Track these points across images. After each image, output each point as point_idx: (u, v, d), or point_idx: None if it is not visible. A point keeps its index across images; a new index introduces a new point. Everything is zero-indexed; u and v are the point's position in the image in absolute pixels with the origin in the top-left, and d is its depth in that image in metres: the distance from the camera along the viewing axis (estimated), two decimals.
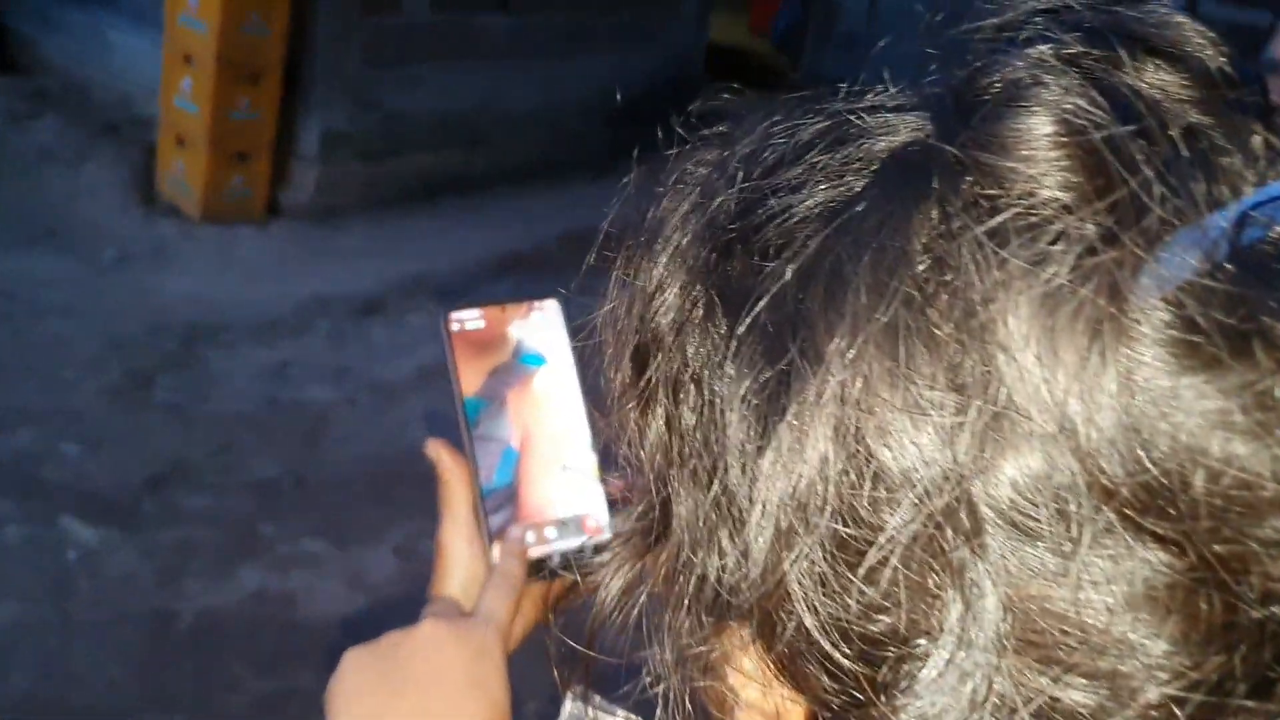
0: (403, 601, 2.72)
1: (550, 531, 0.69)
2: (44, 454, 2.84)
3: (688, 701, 0.40)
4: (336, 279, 4.04)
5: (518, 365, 0.70)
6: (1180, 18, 0.31)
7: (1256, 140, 0.29)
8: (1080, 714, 0.28)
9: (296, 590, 2.64)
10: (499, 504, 0.70)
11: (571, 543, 0.69)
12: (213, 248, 4.10)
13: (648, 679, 0.44)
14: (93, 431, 2.97)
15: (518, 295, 0.71)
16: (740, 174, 0.35)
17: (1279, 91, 0.69)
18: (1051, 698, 0.28)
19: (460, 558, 0.69)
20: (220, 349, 3.52)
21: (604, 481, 0.70)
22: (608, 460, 0.70)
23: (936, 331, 0.28)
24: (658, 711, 0.43)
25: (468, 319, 0.69)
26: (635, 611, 0.41)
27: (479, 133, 5.08)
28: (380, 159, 4.67)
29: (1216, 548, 0.26)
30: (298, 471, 3.00)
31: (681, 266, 0.35)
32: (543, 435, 0.70)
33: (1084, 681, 0.27)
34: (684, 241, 0.35)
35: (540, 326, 0.71)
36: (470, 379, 0.69)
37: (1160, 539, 0.26)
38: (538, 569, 0.68)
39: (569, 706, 0.43)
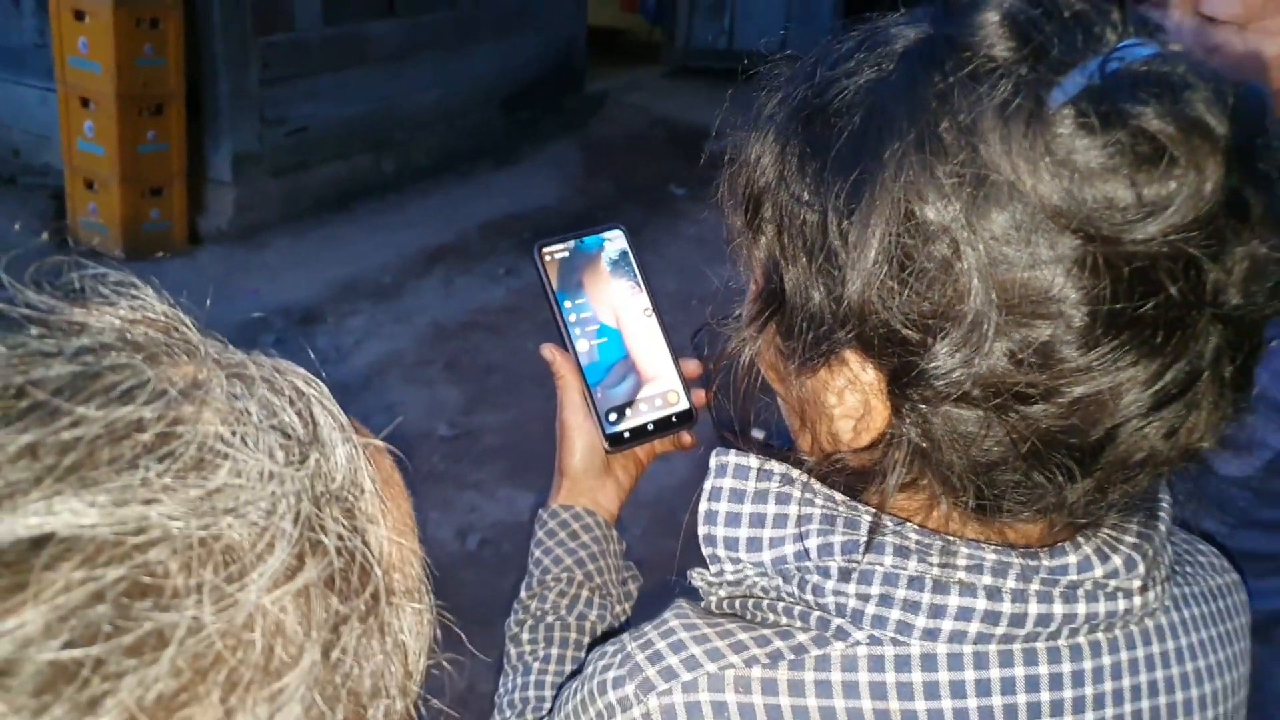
0: None
1: (643, 407, 0.86)
2: None
3: (800, 421, 0.59)
4: (271, 295, 4.11)
5: (598, 261, 0.87)
6: None
7: (1115, 16, 0.48)
8: (1045, 341, 0.46)
9: None
10: (623, 374, 0.85)
11: (661, 413, 0.86)
12: (139, 282, 4.11)
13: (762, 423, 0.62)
14: None
15: (591, 228, 0.87)
16: (812, 72, 0.54)
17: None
18: (1027, 335, 0.46)
19: (580, 431, 0.86)
20: None
21: (679, 364, 0.87)
22: (678, 348, 0.87)
23: (945, 136, 0.46)
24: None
25: (555, 249, 0.85)
26: (759, 377, 0.59)
27: (383, 135, 5.14)
28: (293, 173, 4.69)
29: (1104, 229, 0.44)
30: None
31: (779, 138, 0.54)
32: (631, 319, 0.87)
33: (1043, 321, 0.46)
34: (778, 121, 0.54)
35: (613, 246, 0.87)
36: (567, 288, 0.84)
37: (1074, 230, 0.44)
38: (637, 435, 0.85)
39: (715, 459, 0.58)
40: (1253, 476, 0.91)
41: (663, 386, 0.86)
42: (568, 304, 0.84)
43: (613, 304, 0.86)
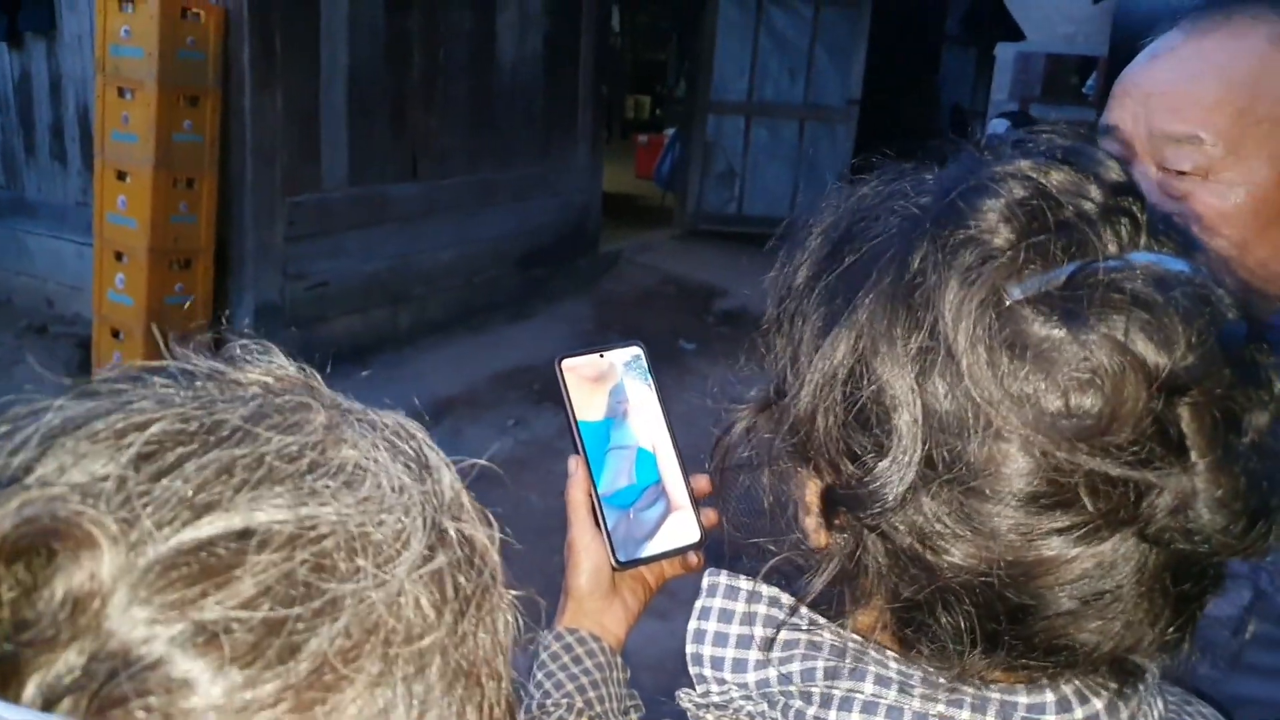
0: None
1: (653, 527, 0.86)
2: None
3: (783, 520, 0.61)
4: None
5: (624, 391, 0.88)
6: (1090, 148, 0.52)
7: (1125, 223, 0.48)
8: (965, 504, 0.48)
9: None
10: (654, 498, 0.86)
11: (676, 544, 0.87)
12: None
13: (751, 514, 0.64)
14: None
15: (609, 344, 0.89)
16: (843, 221, 0.57)
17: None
18: (950, 495, 0.48)
19: (587, 551, 0.86)
20: None
21: (690, 482, 0.87)
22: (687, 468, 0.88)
23: (914, 300, 0.49)
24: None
25: (576, 363, 0.87)
26: (750, 446, 0.61)
27: (401, 290, 5.27)
28: (311, 325, 4.80)
29: (1026, 424, 0.46)
30: None
31: (810, 259, 0.58)
32: (646, 435, 0.88)
33: (967, 490, 0.48)
34: (813, 247, 0.58)
35: (632, 365, 0.89)
36: (592, 406, 0.87)
37: (1002, 415, 0.46)
38: (648, 561, 0.87)
39: (707, 579, 0.60)
40: (1237, 617, 0.86)
41: (674, 505, 0.87)
42: (584, 418, 0.86)
43: (630, 420, 0.87)
